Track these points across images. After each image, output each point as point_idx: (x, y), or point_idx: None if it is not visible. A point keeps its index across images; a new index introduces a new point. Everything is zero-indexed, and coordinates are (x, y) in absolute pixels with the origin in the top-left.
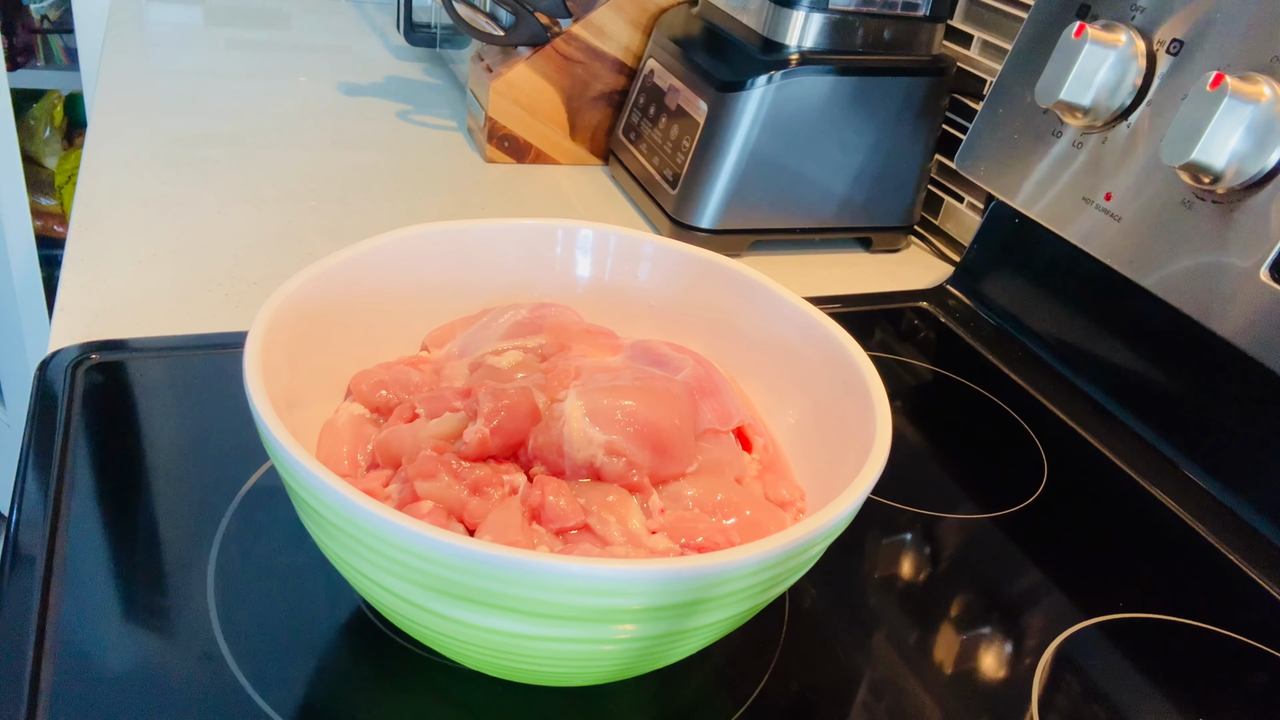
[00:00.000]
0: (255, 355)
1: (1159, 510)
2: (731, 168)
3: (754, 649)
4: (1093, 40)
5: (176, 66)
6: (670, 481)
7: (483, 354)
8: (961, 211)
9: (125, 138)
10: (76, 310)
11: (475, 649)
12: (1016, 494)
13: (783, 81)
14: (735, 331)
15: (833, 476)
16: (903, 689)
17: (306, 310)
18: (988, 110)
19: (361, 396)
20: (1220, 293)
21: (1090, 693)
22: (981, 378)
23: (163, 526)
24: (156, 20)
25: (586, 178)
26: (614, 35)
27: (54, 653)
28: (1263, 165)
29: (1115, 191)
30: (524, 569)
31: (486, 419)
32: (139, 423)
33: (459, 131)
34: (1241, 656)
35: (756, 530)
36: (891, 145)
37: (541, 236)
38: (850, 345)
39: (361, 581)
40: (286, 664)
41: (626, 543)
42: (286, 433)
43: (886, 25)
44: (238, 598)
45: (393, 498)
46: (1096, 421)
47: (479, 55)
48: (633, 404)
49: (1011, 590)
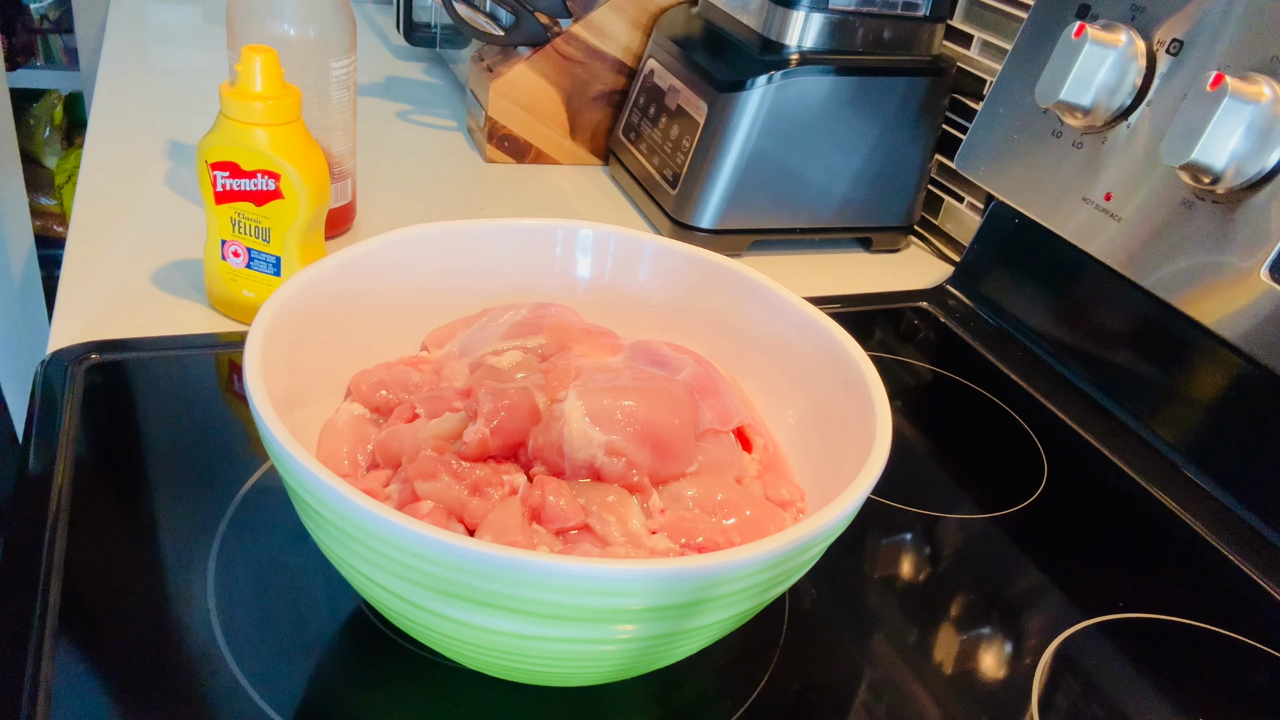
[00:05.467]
0: (255, 355)
1: (1159, 510)
2: (731, 168)
3: (754, 649)
4: (1093, 40)
5: (176, 66)
6: (670, 481)
7: (483, 354)
8: (961, 211)
9: (125, 138)
10: (76, 310)
11: (475, 649)
12: (1016, 494)
13: (783, 82)
14: (735, 331)
15: (833, 476)
16: (903, 689)
17: (306, 310)
18: (988, 110)
19: (361, 396)
20: (1220, 293)
21: (1090, 693)
22: (981, 378)
23: (163, 526)
24: (156, 20)
25: (586, 178)
26: (614, 35)
27: (54, 653)
28: (1263, 165)
29: (1115, 191)
30: (524, 569)
31: (486, 419)
32: (139, 422)
33: (459, 131)
34: (1241, 656)
35: (756, 530)
36: (891, 145)
37: (541, 237)
38: (850, 345)
39: (361, 581)
40: (286, 664)
41: (626, 543)
42: (286, 433)
43: (886, 25)
44: (238, 598)
45: (393, 498)
46: (1096, 421)
47: (479, 55)
48: (633, 404)
49: (1011, 590)
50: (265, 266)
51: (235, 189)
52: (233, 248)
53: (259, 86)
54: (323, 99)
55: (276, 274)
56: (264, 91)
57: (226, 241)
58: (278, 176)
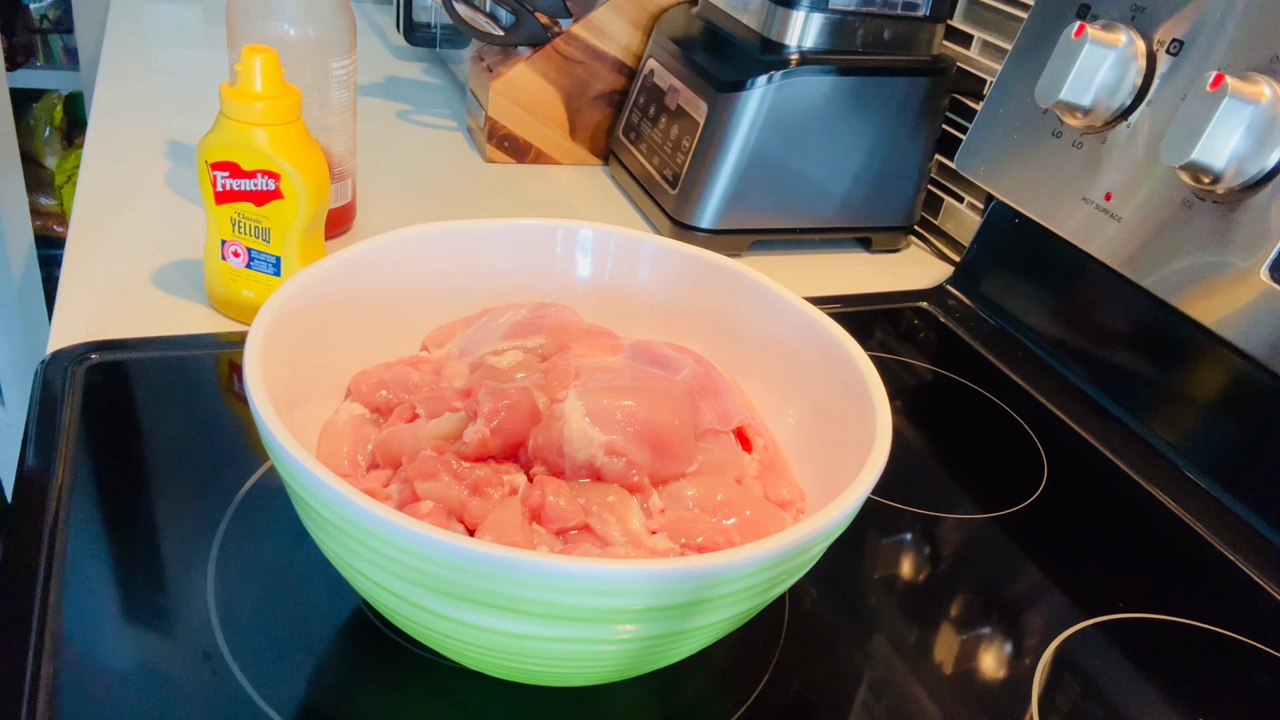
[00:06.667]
0: (255, 355)
1: (1159, 510)
2: (731, 168)
3: (754, 649)
4: (1093, 40)
5: (176, 66)
6: (670, 481)
7: (483, 354)
8: (961, 211)
9: (125, 138)
10: (76, 310)
11: (475, 649)
12: (1016, 494)
13: (783, 82)
14: (735, 331)
15: (833, 476)
16: (903, 689)
17: (306, 310)
18: (988, 110)
19: (361, 396)
20: (1220, 293)
21: (1090, 693)
22: (981, 378)
23: (163, 526)
24: (156, 20)
25: (586, 178)
26: (614, 35)
27: (54, 653)
28: (1263, 165)
29: (1115, 191)
30: (524, 569)
31: (486, 419)
32: (139, 422)
33: (459, 131)
34: (1241, 656)
35: (756, 530)
36: (891, 145)
37: (541, 236)
38: (850, 345)
39: (361, 581)
40: (286, 664)
41: (626, 543)
42: (286, 433)
43: (886, 25)
44: (238, 598)
45: (393, 498)
46: (1096, 421)
47: (479, 55)
48: (633, 404)
49: (1011, 590)
50: (265, 266)
51: (235, 189)
52: (233, 248)
53: (259, 86)
54: (323, 99)
55: (276, 274)
56: (264, 91)
57: (226, 241)
58: (278, 176)
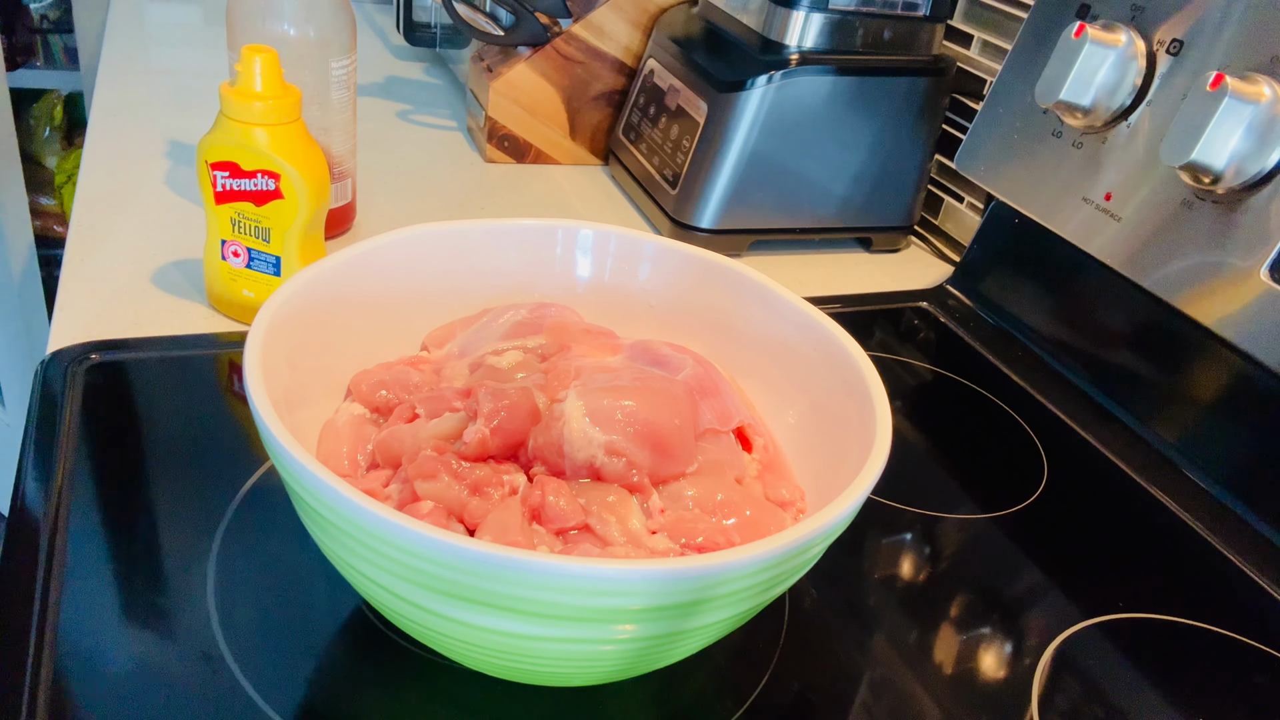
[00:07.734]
0: (255, 355)
1: (1159, 510)
2: (731, 168)
3: (754, 649)
4: (1093, 40)
5: (176, 66)
6: (670, 481)
7: (483, 354)
8: (961, 211)
9: (125, 138)
10: (76, 310)
11: (475, 649)
12: (1016, 494)
13: (783, 81)
14: (735, 331)
15: (833, 476)
16: (903, 689)
17: (306, 310)
18: (988, 110)
19: (361, 396)
20: (1220, 293)
21: (1090, 693)
22: (981, 378)
23: (163, 526)
24: (156, 20)
25: (586, 178)
26: (614, 35)
27: (54, 653)
28: (1263, 165)
29: (1115, 191)
30: (524, 569)
31: (486, 419)
32: (139, 422)
33: (459, 131)
34: (1241, 656)
35: (756, 530)
36: (891, 145)
37: (541, 236)
38: (850, 345)
39: (361, 581)
40: (286, 664)
41: (626, 543)
42: (286, 433)
43: (886, 25)
44: (238, 598)
45: (393, 498)
46: (1096, 421)
47: (479, 55)
48: (633, 404)
49: (1011, 590)
50: (265, 266)
51: (235, 189)
52: (233, 248)
53: (259, 86)
54: (323, 99)
55: (276, 274)
56: (264, 91)
57: (226, 241)
58: (278, 176)
